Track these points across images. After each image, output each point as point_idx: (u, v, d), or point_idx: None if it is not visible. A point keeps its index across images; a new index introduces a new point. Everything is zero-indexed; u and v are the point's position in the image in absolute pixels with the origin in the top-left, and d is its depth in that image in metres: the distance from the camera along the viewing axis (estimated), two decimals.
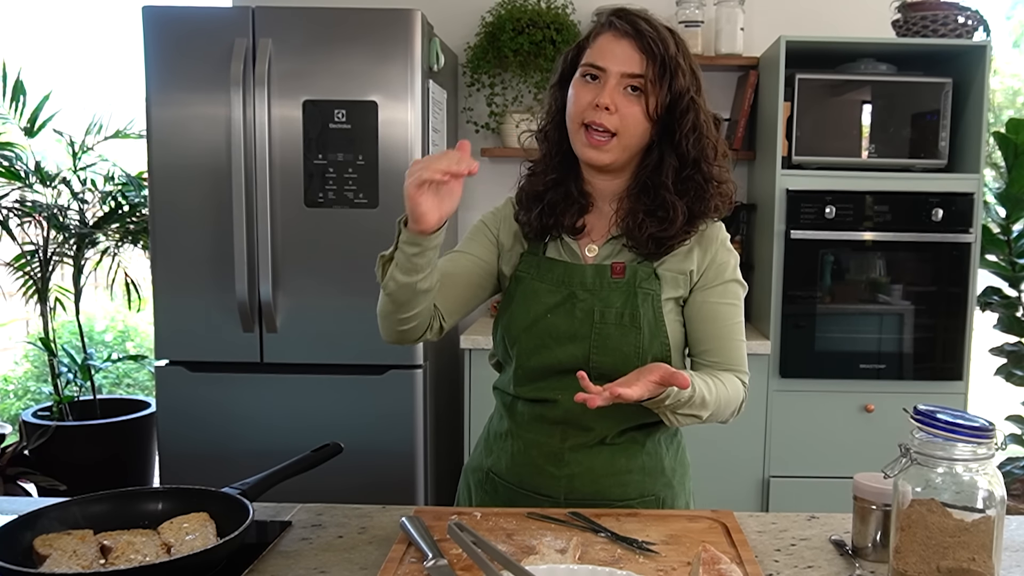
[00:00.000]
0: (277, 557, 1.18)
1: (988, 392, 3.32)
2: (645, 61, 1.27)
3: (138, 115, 3.49)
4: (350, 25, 2.45)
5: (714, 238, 1.37)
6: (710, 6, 3.12)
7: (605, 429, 1.35)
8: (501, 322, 1.40)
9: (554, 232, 1.38)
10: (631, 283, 1.32)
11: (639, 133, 1.30)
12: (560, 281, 1.35)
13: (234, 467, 1.82)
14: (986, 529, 0.99)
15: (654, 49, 1.27)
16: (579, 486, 1.36)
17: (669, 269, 1.34)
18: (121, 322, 5.51)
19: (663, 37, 1.29)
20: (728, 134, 3.21)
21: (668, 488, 1.40)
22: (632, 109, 1.28)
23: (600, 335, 1.31)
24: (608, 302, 1.32)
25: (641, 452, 1.38)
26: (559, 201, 1.36)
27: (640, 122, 1.29)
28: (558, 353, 1.33)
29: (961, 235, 2.74)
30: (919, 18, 2.82)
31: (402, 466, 2.57)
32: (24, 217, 3.53)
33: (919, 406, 1.03)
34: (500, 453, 1.43)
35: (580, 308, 1.32)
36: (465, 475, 1.51)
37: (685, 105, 1.30)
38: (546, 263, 1.37)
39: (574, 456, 1.36)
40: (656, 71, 1.27)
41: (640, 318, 1.31)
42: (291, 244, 2.52)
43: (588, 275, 1.34)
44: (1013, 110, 6.17)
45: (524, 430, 1.39)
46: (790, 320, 2.79)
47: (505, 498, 1.40)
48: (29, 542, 1.12)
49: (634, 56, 1.28)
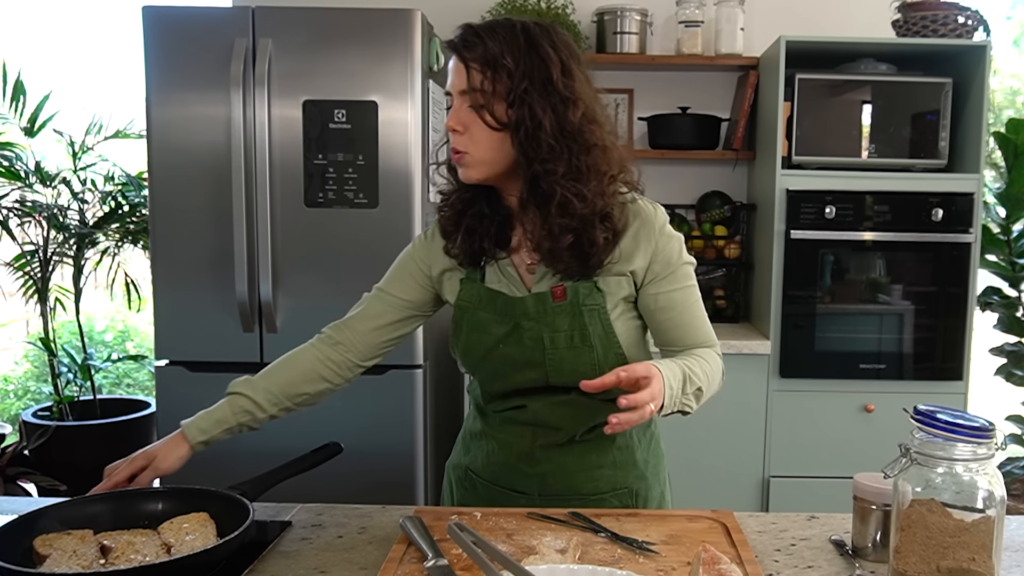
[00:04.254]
0: (277, 557, 1.18)
1: (988, 392, 3.32)
2: (468, 73, 1.23)
3: (138, 115, 3.49)
4: (350, 25, 2.45)
5: (652, 230, 1.31)
6: (710, 6, 3.12)
7: (574, 428, 1.36)
8: (456, 349, 1.40)
9: (487, 255, 1.35)
10: (574, 303, 1.29)
11: (490, 146, 1.24)
12: (503, 312, 1.33)
13: (234, 467, 1.82)
14: (986, 529, 0.99)
15: (476, 56, 1.22)
16: (552, 483, 1.38)
17: (610, 274, 1.31)
18: (121, 322, 5.51)
19: (486, 40, 1.22)
20: (728, 134, 3.21)
21: (641, 480, 1.41)
22: (474, 124, 1.24)
23: (554, 360, 1.31)
24: (555, 327, 1.30)
25: (612, 447, 1.39)
26: (476, 224, 1.33)
27: (486, 134, 1.24)
28: (517, 378, 1.34)
29: (961, 235, 2.74)
30: (919, 18, 2.82)
31: (402, 466, 2.57)
32: (24, 217, 3.53)
33: (919, 406, 1.03)
34: (476, 452, 1.45)
35: (528, 337, 1.31)
36: (447, 472, 1.54)
37: (512, 101, 1.22)
38: (487, 293, 1.34)
39: (545, 455, 1.37)
40: (483, 77, 1.22)
41: (590, 336, 1.29)
42: (291, 244, 2.52)
43: (529, 305, 1.31)
44: (1013, 110, 6.17)
45: (496, 431, 1.41)
46: (790, 320, 2.79)
47: (483, 494, 1.43)
48: (29, 542, 1.12)
49: (460, 71, 1.24)
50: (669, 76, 3.24)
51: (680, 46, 3.10)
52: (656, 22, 3.19)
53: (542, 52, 1.23)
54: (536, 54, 1.23)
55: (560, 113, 1.23)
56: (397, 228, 2.50)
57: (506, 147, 1.25)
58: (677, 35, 3.11)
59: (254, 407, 1.38)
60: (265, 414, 1.40)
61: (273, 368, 1.44)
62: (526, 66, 1.22)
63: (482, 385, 1.42)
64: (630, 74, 3.24)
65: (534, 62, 1.23)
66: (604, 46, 3.10)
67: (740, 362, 2.76)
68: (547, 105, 1.22)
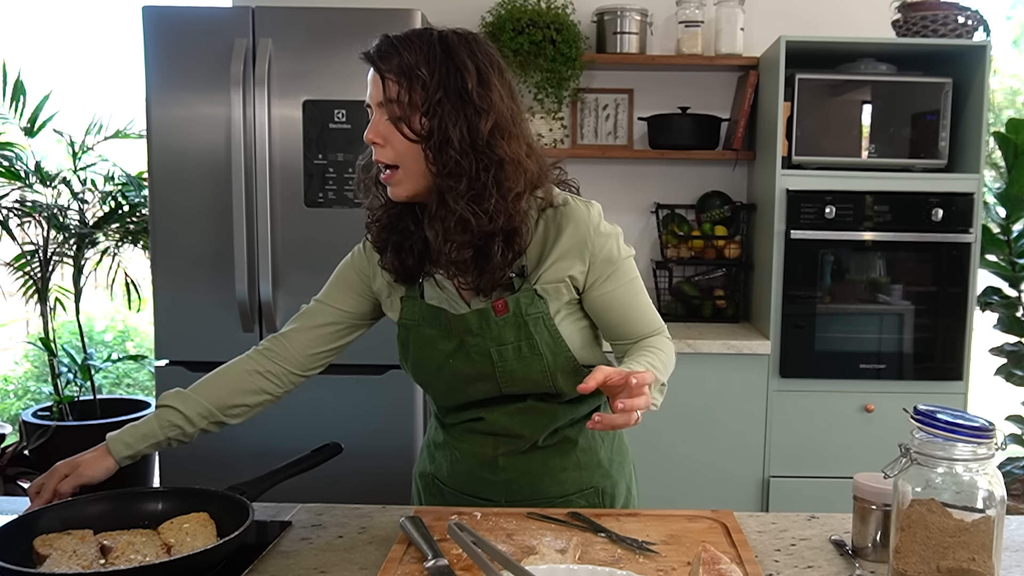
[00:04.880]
0: (277, 557, 1.18)
1: (988, 392, 3.32)
2: (383, 84, 1.20)
3: (138, 115, 3.50)
4: (350, 25, 2.45)
5: (587, 231, 1.27)
6: (710, 6, 3.12)
7: (534, 433, 1.36)
8: (407, 366, 1.39)
9: (422, 272, 1.33)
10: (517, 314, 1.27)
11: (414, 158, 1.21)
12: (447, 327, 1.32)
13: (234, 467, 1.82)
14: (986, 529, 0.99)
15: (391, 68, 1.19)
16: (517, 489, 1.37)
17: (548, 281, 1.28)
18: (121, 322, 5.51)
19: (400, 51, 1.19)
20: (728, 134, 3.21)
21: (607, 478, 1.41)
22: (394, 136, 1.21)
23: (504, 371, 1.30)
24: (501, 340, 1.28)
25: (575, 450, 1.39)
26: (401, 242, 1.31)
27: (406, 146, 1.20)
28: (470, 391, 1.34)
29: (961, 235, 2.74)
30: (919, 18, 2.82)
31: (402, 466, 2.57)
32: (24, 217, 3.53)
33: (919, 406, 1.03)
34: (440, 461, 1.45)
35: (475, 352, 1.30)
36: (415, 480, 1.54)
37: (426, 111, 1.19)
38: (429, 310, 1.33)
39: (508, 462, 1.37)
40: (399, 87, 1.19)
41: (537, 344, 1.28)
42: (291, 244, 2.52)
43: (472, 322, 1.29)
44: (1013, 110, 6.17)
45: (458, 442, 1.41)
46: (790, 320, 2.79)
47: (451, 501, 1.43)
48: (29, 542, 1.13)
49: (377, 82, 1.21)
50: (669, 76, 3.24)
51: (680, 46, 3.10)
52: (656, 22, 3.19)
53: (458, 61, 1.20)
54: (452, 63, 1.20)
55: (472, 124, 1.19)
56: None
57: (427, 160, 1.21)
58: (677, 35, 3.11)
59: (184, 421, 1.35)
60: (195, 428, 1.36)
61: (208, 380, 1.40)
62: (441, 76, 1.19)
63: (436, 400, 1.42)
64: (630, 74, 3.24)
65: (450, 72, 1.19)
66: (604, 46, 3.10)
67: (740, 362, 2.76)
68: (460, 116, 1.19)
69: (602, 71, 3.20)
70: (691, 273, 3.18)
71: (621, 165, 3.28)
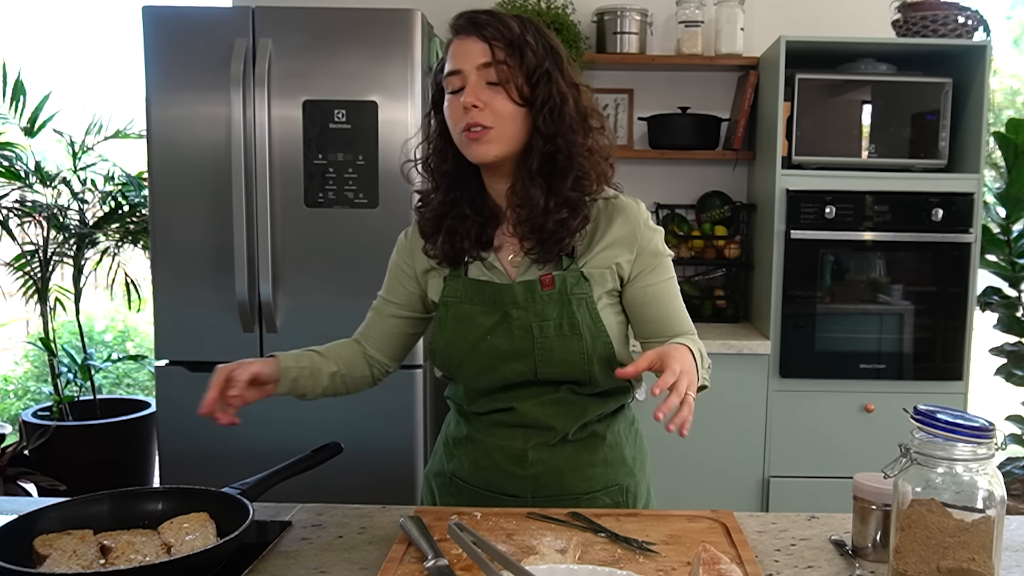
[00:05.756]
0: (277, 557, 1.18)
1: (988, 392, 3.32)
2: (490, 48, 1.26)
3: (138, 115, 3.50)
4: (350, 25, 2.45)
5: (636, 222, 1.35)
6: (710, 6, 3.12)
7: (566, 425, 1.36)
8: (438, 347, 1.39)
9: (469, 255, 1.36)
10: (562, 292, 1.31)
11: (513, 121, 1.27)
12: (491, 302, 1.33)
13: (234, 467, 1.82)
14: (986, 529, 0.99)
15: (496, 34, 1.27)
16: (544, 484, 1.37)
17: (595, 266, 1.33)
18: (121, 322, 5.52)
19: (503, 21, 1.28)
20: (728, 134, 3.21)
21: (631, 476, 1.42)
22: (497, 99, 1.26)
23: (543, 349, 1.31)
24: (544, 316, 1.31)
25: (603, 445, 1.39)
26: (457, 225, 1.34)
27: (509, 109, 1.27)
28: (504, 371, 1.34)
29: (961, 235, 2.74)
30: (919, 18, 2.82)
31: (402, 466, 2.57)
32: (24, 217, 3.54)
33: (919, 406, 1.03)
34: (461, 458, 1.43)
35: (517, 326, 1.31)
36: (427, 480, 1.52)
37: (537, 79, 1.27)
38: (473, 285, 1.35)
39: (538, 455, 1.36)
40: (505, 54, 1.26)
41: (579, 324, 1.30)
42: (291, 244, 2.52)
43: (518, 293, 1.32)
44: (1013, 110, 6.17)
45: (484, 435, 1.40)
46: (790, 320, 2.79)
47: (470, 500, 1.41)
48: (29, 542, 1.12)
49: (480, 47, 1.27)
50: (669, 76, 3.24)
51: (680, 46, 3.10)
52: (656, 22, 3.19)
53: (552, 40, 1.31)
54: (547, 40, 1.30)
55: (574, 95, 1.30)
56: (397, 228, 2.45)
57: (523, 124, 1.29)
58: (677, 35, 3.11)
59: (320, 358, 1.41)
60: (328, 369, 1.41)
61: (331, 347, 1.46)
62: (543, 47, 1.29)
63: (467, 382, 1.39)
64: (630, 74, 3.24)
65: (548, 46, 1.30)
66: (604, 46, 3.10)
67: (740, 362, 2.76)
68: (564, 85, 1.29)
69: (602, 71, 3.20)
70: (691, 273, 3.18)
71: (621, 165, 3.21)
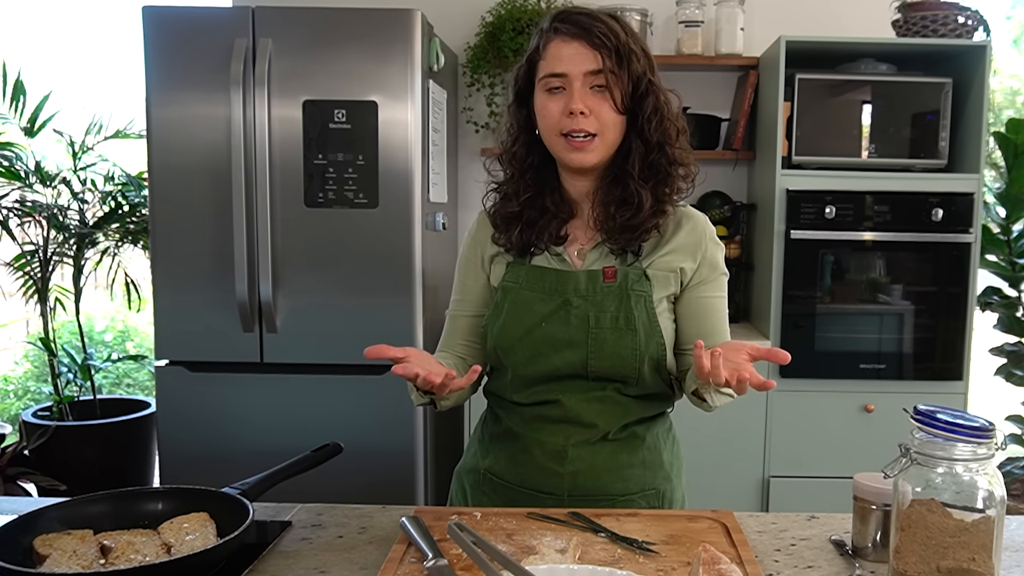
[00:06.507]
0: (277, 557, 1.18)
1: (988, 392, 3.31)
2: (600, 56, 1.27)
3: (138, 115, 3.49)
4: (350, 25, 2.45)
5: (703, 233, 1.39)
6: (710, 6, 3.11)
7: (608, 424, 1.35)
8: (491, 332, 1.39)
9: (537, 247, 1.38)
10: (623, 286, 1.33)
11: (616, 128, 1.31)
12: (552, 289, 1.35)
13: (234, 467, 1.82)
14: (986, 529, 0.99)
15: (606, 42, 1.27)
16: (582, 482, 1.36)
17: (659, 268, 1.35)
18: (121, 322, 5.51)
19: (611, 27, 1.29)
20: (728, 134, 3.21)
21: (667, 481, 1.42)
22: (603, 107, 1.29)
23: (597, 340, 1.31)
24: (602, 307, 1.32)
25: (642, 447, 1.39)
26: (537, 217, 1.37)
27: (614, 117, 1.30)
28: (555, 360, 1.34)
29: (961, 235, 2.74)
30: (919, 18, 2.82)
31: (402, 466, 2.57)
32: (24, 217, 3.53)
33: (919, 406, 1.03)
34: (498, 454, 1.42)
35: (575, 315, 1.33)
36: (458, 477, 1.51)
37: (644, 89, 1.31)
38: (536, 272, 1.37)
39: (577, 453, 1.36)
40: (614, 62, 1.28)
41: (635, 320, 1.31)
42: (291, 244, 2.52)
43: (581, 281, 1.34)
44: (1013, 110, 6.17)
45: (525, 430, 1.39)
46: (790, 320, 2.79)
47: (505, 498, 1.40)
48: (29, 542, 1.12)
49: (589, 54, 1.28)
50: (669, 76, 3.16)
51: (680, 46, 3.10)
52: (656, 22, 3.19)
53: (645, 44, 1.34)
54: (643, 45, 1.33)
55: (671, 103, 1.35)
56: (397, 228, 2.50)
57: (622, 130, 1.32)
58: (677, 35, 3.10)
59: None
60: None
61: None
62: (644, 56, 1.32)
63: (515, 368, 1.37)
64: None
65: (645, 52, 1.33)
66: None
67: None
68: (664, 95, 1.33)
69: None
70: None
71: None
